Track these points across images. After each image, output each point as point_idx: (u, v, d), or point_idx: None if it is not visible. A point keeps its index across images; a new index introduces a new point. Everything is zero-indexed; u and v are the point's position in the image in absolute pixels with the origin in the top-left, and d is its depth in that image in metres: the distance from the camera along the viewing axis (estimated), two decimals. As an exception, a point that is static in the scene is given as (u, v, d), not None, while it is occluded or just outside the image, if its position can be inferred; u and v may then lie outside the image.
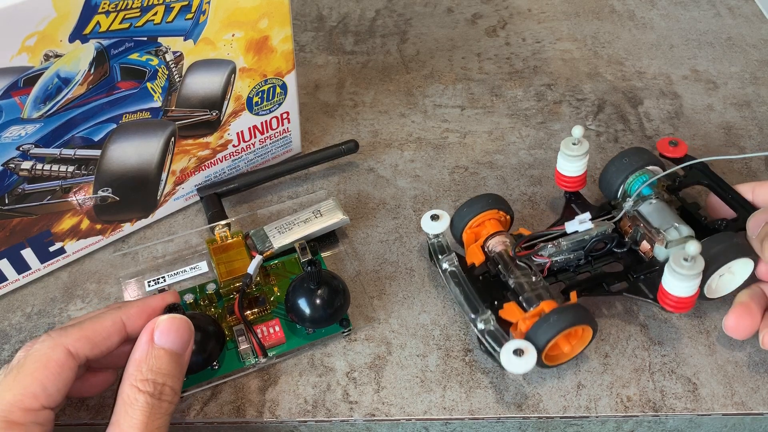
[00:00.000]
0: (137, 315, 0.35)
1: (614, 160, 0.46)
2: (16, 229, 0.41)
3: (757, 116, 0.57)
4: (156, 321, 0.33)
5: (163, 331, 0.33)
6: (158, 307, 0.36)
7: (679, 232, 0.41)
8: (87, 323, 0.34)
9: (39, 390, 0.31)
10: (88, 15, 0.36)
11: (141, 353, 0.33)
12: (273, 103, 0.48)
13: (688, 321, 0.43)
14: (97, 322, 0.34)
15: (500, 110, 0.58)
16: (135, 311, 0.35)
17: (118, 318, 0.35)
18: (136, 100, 0.41)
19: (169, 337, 0.33)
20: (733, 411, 0.39)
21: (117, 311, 0.35)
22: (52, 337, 0.32)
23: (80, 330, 0.33)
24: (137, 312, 0.36)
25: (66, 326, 0.34)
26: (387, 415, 0.39)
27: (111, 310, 0.35)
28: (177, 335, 0.33)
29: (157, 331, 0.33)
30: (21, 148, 0.38)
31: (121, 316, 0.35)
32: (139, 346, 0.33)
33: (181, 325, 0.34)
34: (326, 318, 0.40)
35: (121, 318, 0.35)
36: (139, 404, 0.31)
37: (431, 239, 0.44)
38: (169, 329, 0.33)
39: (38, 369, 0.31)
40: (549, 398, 0.39)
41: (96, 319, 0.34)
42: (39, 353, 0.32)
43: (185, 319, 0.34)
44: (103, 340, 0.34)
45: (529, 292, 0.40)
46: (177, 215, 0.49)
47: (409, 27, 0.67)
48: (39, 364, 0.31)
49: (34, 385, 0.31)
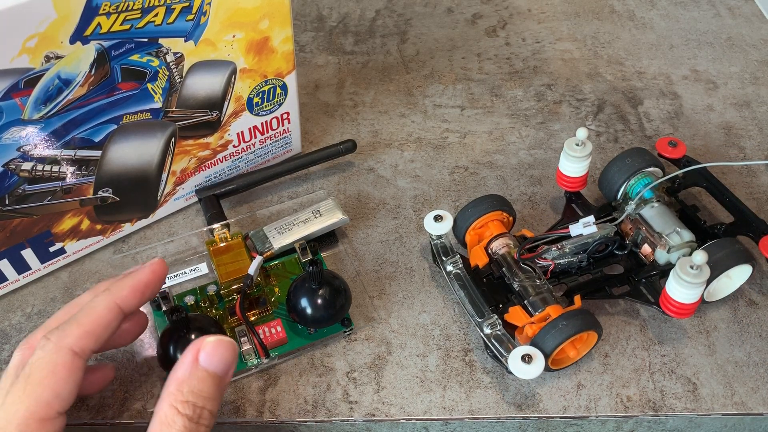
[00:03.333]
0: (131, 296, 0.34)
1: (615, 161, 0.46)
2: (16, 230, 0.41)
3: (757, 116, 0.57)
4: (202, 342, 0.32)
5: (209, 352, 0.32)
6: (150, 282, 0.35)
7: (680, 237, 0.42)
8: (82, 317, 0.33)
9: (52, 397, 0.30)
10: (88, 16, 0.36)
11: (184, 373, 0.31)
12: (273, 104, 0.48)
13: (687, 321, 0.43)
14: (93, 312, 0.33)
15: (500, 110, 0.58)
16: (128, 293, 0.34)
17: (113, 303, 0.34)
18: (137, 101, 0.41)
19: (214, 359, 0.32)
20: (733, 411, 0.39)
21: (109, 296, 0.34)
22: (52, 341, 0.31)
23: (79, 326, 0.32)
24: (130, 293, 0.34)
25: (62, 325, 0.32)
26: (387, 415, 0.39)
27: (102, 295, 0.34)
28: (222, 358, 0.32)
29: (203, 353, 0.32)
30: (22, 149, 0.38)
31: (115, 300, 0.34)
32: (183, 365, 0.31)
33: (228, 348, 0.32)
34: (328, 318, 0.40)
35: (115, 303, 0.34)
36: (177, 427, 0.30)
37: (434, 240, 0.44)
38: (215, 351, 0.32)
39: (47, 376, 0.31)
40: (549, 398, 0.39)
41: (91, 310, 0.33)
42: (44, 360, 0.31)
43: (232, 342, 0.32)
44: (103, 330, 0.33)
45: (534, 296, 0.40)
46: (177, 215, 0.49)
47: (409, 27, 0.67)
48: (46, 371, 0.31)
49: (46, 394, 0.30)
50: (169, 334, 0.38)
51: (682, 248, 0.42)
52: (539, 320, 0.39)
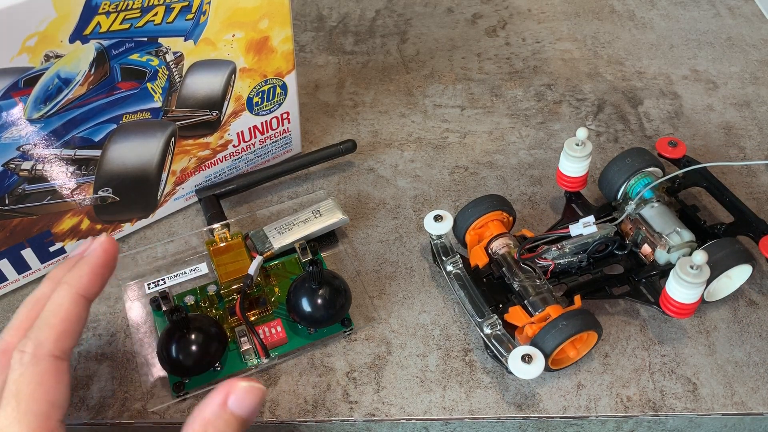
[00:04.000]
0: (92, 283, 0.34)
1: (615, 161, 0.46)
2: (16, 230, 0.41)
3: (757, 116, 0.57)
4: (232, 385, 0.32)
5: (238, 397, 0.31)
6: (105, 262, 0.34)
7: (681, 237, 0.42)
8: (51, 318, 0.32)
9: (48, 408, 0.30)
10: (88, 15, 0.36)
11: (211, 414, 0.31)
12: (273, 104, 0.48)
13: (687, 321, 0.43)
14: (61, 310, 0.32)
15: (500, 110, 0.58)
16: (87, 281, 0.33)
17: (77, 296, 0.33)
18: (137, 101, 0.41)
19: (243, 404, 0.31)
20: (733, 411, 0.39)
21: (70, 289, 0.33)
22: (28, 352, 0.31)
23: (52, 329, 0.32)
24: (90, 280, 0.34)
25: (34, 332, 0.31)
26: (387, 415, 0.39)
27: (62, 289, 0.33)
28: (252, 404, 0.32)
29: (233, 396, 0.31)
30: (21, 149, 0.38)
31: (78, 291, 0.33)
32: (210, 405, 0.31)
33: (258, 395, 0.32)
34: (328, 318, 0.40)
35: (79, 294, 0.33)
36: None
37: (434, 240, 0.44)
38: (245, 397, 0.31)
39: (36, 389, 0.30)
40: (549, 398, 0.39)
41: (57, 309, 0.32)
42: (27, 373, 0.30)
43: (262, 389, 0.32)
44: (75, 325, 0.32)
45: (534, 296, 0.40)
46: (177, 215, 0.49)
47: (409, 27, 0.67)
48: (34, 383, 0.30)
49: (42, 407, 0.30)
50: (169, 334, 0.38)
51: (682, 248, 0.42)
52: (539, 320, 0.39)
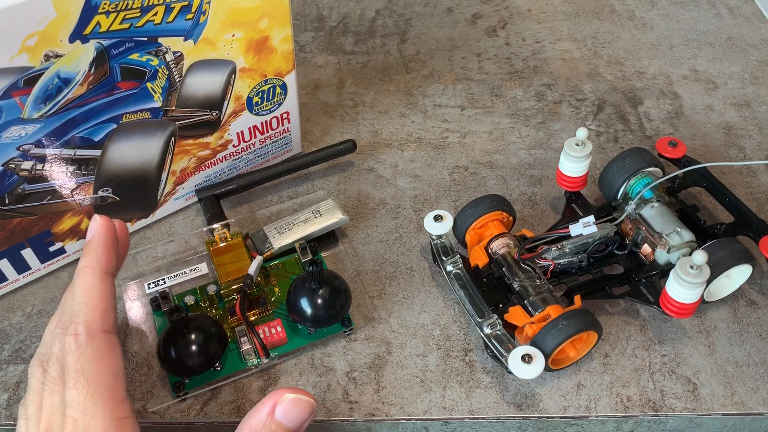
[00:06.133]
0: (110, 259, 0.36)
1: (615, 161, 0.46)
2: (16, 229, 0.41)
3: (757, 116, 0.57)
4: (281, 395, 0.32)
5: (286, 408, 0.32)
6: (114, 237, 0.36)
7: (680, 237, 0.42)
8: (88, 300, 0.34)
9: (114, 378, 0.32)
10: (88, 15, 0.36)
11: (258, 423, 0.32)
12: (273, 103, 0.48)
13: (687, 321, 0.43)
14: (95, 292, 0.34)
15: (500, 110, 0.58)
16: (105, 258, 0.35)
17: (102, 274, 0.35)
18: (137, 100, 0.41)
19: (290, 416, 0.32)
20: (733, 411, 0.39)
21: (94, 271, 0.35)
22: (82, 333, 0.32)
23: (94, 310, 0.33)
24: (108, 257, 0.36)
25: (76, 316, 0.33)
26: (387, 415, 0.39)
27: (87, 273, 0.35)
28: (299, 416, 0.32)
29: (280, 407, 0.32)
30: (21, 149, 0.38)
31: (102, 269, 0.35)
32: (259, 414, 0.32)
33: (306, 408, 0.32)
34: (328, 318, 0.40)
35: (103, 271, 0.35)
36: None
37: (434, 240, 0.44)
38: (292, 408, 0.32)
39: (101, 364, 0.32)
40: (549, 398, 0.39)
41: (90, 291, 0.34)
42: (88, 352, 0.32)
43: (311, 402, 0.33)
44: (111, 301, 0.34)
45: (534, 296, 0.40)
46: (177, 215, 0.49)
47: (409, 27, 0.67)
48: (97, 360, 0.32)
49: (109, 378, 0.32)
50: (169, 334, 0.38)
51: (682, 248, 0.42)
52: (539, 320, 0.39)
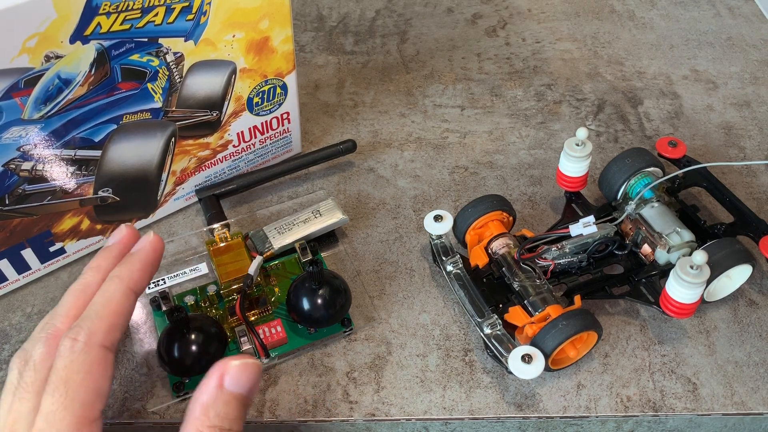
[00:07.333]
0: (142, 279, 0.35)
1: (615, 161, 0.46)
2: (16, 230, 0.41)
3: (757, 116, 0.57)
4: (226, 366, 0.31)
5: (234, 376, 0.31)
6: (155, 260, 0.36)
7: (681, 237, 0.42)
8: (102, 309, 0.33)
9: (94, 398, 0.31)
10: (88, 16, 0.36)
11: (209, 398, 0.31)
12: (273, 104, 0.48)
13: (687, 321, 0.43)
14: (112, 303, 0.33)
15: (500, 110, 0.58)
16: (138, 276, 0.34)
17: (128, 290, 0.34)
18: (137, 101, 0.41)
19: (239, 383, 0.31)
20: (733, 411, 0.39)
21: (122, 283, 0.34)
22: (81, 341, 0.31)
23: (103, 320, 0.32)
24: (141, 276, 0.35)
25: (84, 321, 0.32)
26: (387, 415, 0.39)
27: (114, 282, 0.34)
28: (247, 380, 0.31)
29: (227, 377, 0.31)
30: (21, 149, 0.38)
31: (129, 286, 0.34)
32: (207, 389, 0.31)
33: (253, 370, 0.32)
34: (328, 318, 0.40)
35: (130, 288, 0.34)
36: None
37: (434, 240, 0.44)
38: (240, 375, 0.31)
39: (85, 378, 0.31)
40: (549, 398, 0.39)
41: (109, 301, 0.33)
42: (78, 361, 0.31)
43: (256, 363, 0.32)
44: (125, 319, 0.33)
45: (534, 296, 0.40)
46: (177, 215, 0.49)
47: (409, 27, 0.67)
48: (84, 372, 0.31)
49: (88, 396, 0.31)
50: (169, 334, 0.38)
51: (682, 248, 0.42)
52: (539, 320, 0.39)
